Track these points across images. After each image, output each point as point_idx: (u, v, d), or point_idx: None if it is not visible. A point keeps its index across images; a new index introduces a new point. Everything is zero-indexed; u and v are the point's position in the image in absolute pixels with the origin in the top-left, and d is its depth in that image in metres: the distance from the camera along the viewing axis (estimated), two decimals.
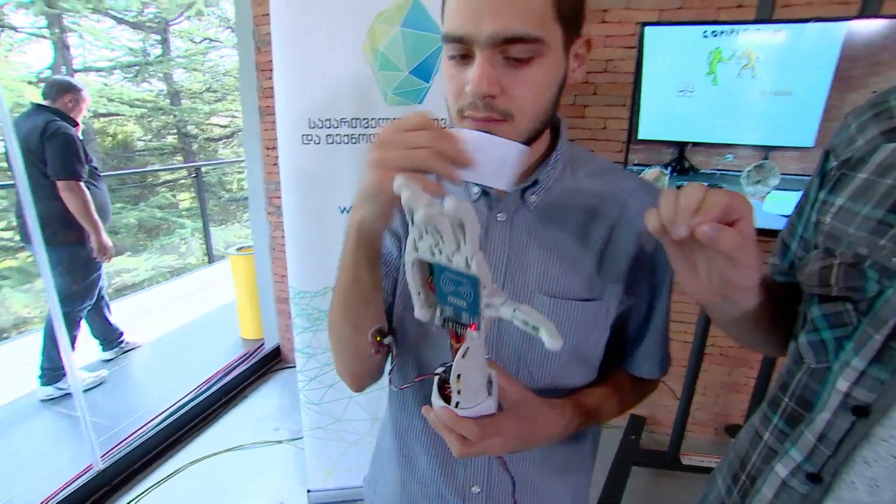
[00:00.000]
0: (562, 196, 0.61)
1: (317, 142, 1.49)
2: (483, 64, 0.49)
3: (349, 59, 1.45)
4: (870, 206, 0.46)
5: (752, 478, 0.55)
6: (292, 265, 1.59)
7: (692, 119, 1.62)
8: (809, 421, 0.49)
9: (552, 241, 0.60)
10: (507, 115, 0.52)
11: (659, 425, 2.44)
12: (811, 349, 0.49)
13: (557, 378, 0.63)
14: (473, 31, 0.49)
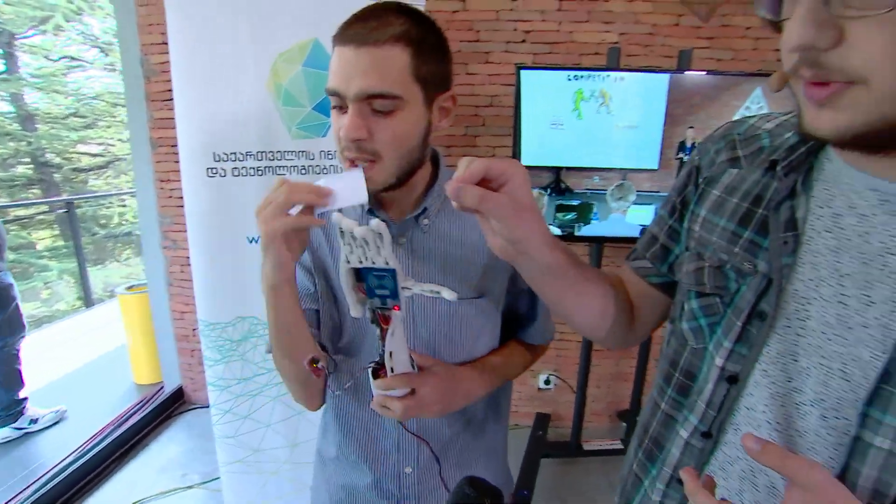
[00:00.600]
0: (450, 218, 0.76)
1: (222, 174, 1.52)
2: (353, 114, 0.62)
3: (253, 95, 1.51)
4: (724, 219, 0.55)
5: (653, 440, 0.63)
6: (200, 298, 1.57)
7: (564, 148, 1.92)
8: (699, 391, 0.56)
9: (445, 253, 0.75)
10: (376, 155, 0.65)
11: (562, 420, 2.70)
12: (692, 333, 0.58)
13: (466, 359, 0.79)
14: (344, 88, 0.62)
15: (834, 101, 0.38)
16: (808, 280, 0.48)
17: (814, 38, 0.36)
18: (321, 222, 0.62)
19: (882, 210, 0.44)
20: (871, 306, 0.44)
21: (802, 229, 0.49)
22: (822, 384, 0.46)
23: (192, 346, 2.67)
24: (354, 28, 0.62)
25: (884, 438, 0.42)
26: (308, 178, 1.61)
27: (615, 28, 2.22)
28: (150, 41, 2.36)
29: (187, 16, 1.42)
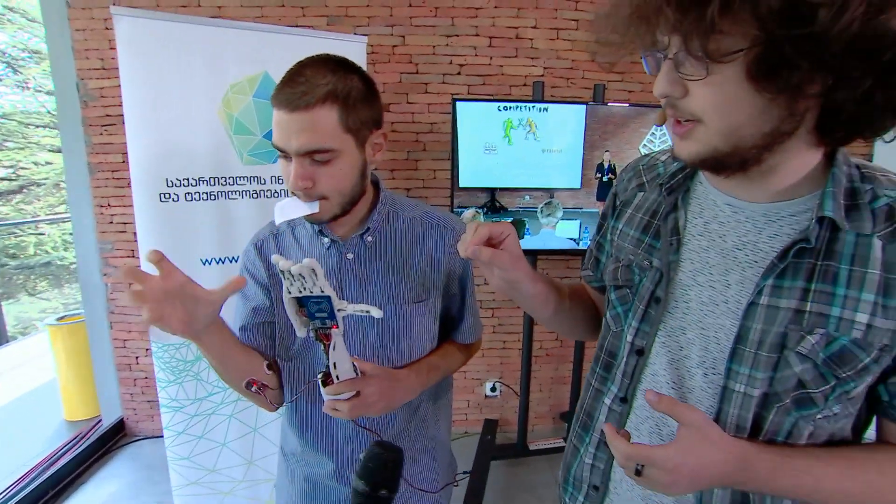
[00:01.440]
0: (390, 234, 0.88)
1: (175, 199, 1.57)
2: (296, 167, 0.73)
3: (205, 124, 1.59)
4: (632, 229, 0.70)
5: (586, 413, 0.75)
6: None
7: (497, 170, 2.12)
8: (618, 365, 0.69)
9: (388, 265, 0.87)
10: (322, 197, 0.77)
11: (508, 424, 2.85)
12: (613, 320, 0.72)
13: (409, 358, 0.90)
14: (286, 145, 0.73)
15: (687, 135, 0.53)
16: (689, 271, 0.63)
17: (670, 90, 0.51)
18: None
19: (734, 219, 0.60)
20: (729, 287, 0.59)
21: (683, 234, 0.64)
22: (703, 349, 0.60)
23: (135, 375, 2.60)
24: (286, 93, 0.72)
25: (740, 384, 0.57)
26: (260, 202, 1.71)
27: (539, 63, 2.49)
28: (88, 66, 2.35)
29: (139, 50, 1.48)
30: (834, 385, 0.53)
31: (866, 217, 0.52)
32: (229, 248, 1.69)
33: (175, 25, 1.53)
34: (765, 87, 0.46)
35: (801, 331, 0.53)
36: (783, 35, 0.42)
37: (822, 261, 0.53)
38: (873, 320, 0.51)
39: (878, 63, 0.43)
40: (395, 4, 2.35)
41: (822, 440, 0.57)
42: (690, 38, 0.45)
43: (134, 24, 1.47)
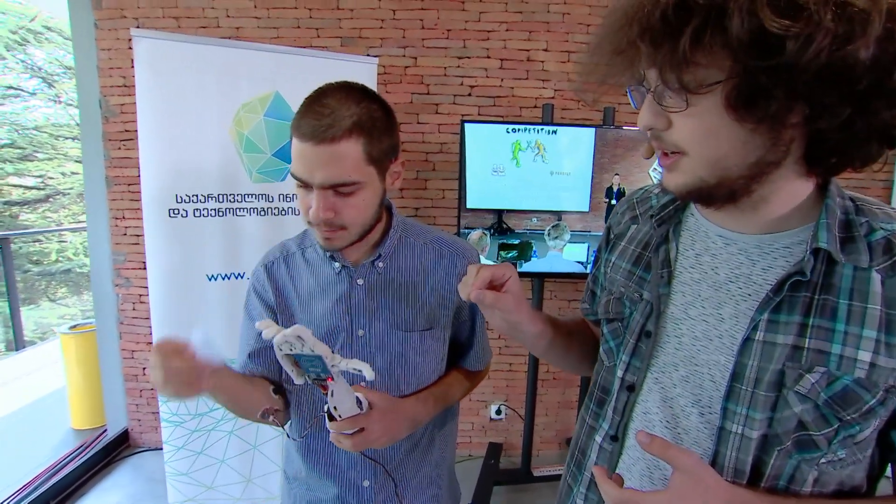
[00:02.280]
0: (401, 260, 0.88)
1: (184, 215, 1.60)
2: (318, 199, 0.72)
3: (216, 142, 1.63)
4: (625, 261, 0.69)
5: (580, 450, 0.73)
6: (159, 333, 1.62)
7: (505, 192, 2.12)
8: (609, 401, 0.68)
9: (397, 292, 0.86)
10: (342, 227, 0.76)
11: (514, 449, 2.79)
12: (606, 355, 0.70)
13: (417, 384, 0.89)
14: (309, 178, 0.72)
15: (673, 167, 0.53)
16: (680, 304, 0.61)
17: (653, 122, 0.52)
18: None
19: (726, 251, 0.59)
20: (723, 321, 0.57)
21: (674, 266, 0.63)
22: (698, 387, 0.58)
23: (142, 387, 2.62)
24: (310, 123, 0.70)
25: (737, 425, 0.54)
26: (268, 219, 1.72)
27: (550, 85, 2.50)
28: (111, 83, 2.43)
29: (156, 70, 1.53)
30: (837, 428, 0.51)
31: (863, 250, 0.51)
32: (235, 264, 1.70)
33: (191, 47, 1.58)
34: (744, 117, 0.46)
35: (799, 368, 0.51)
36: (756, 66, 0.42)
37: (820, 295, 0.51)
38: (876, 359, 0.49)
39: (853, 92, 0.43)
40: (408, 27, 2.40)
41: (830, 488, 0.54)
42: (665, 71, 0.46)
43: (153, 46, 1.52)
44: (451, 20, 2.40)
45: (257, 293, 0.89)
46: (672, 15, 0.43)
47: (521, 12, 2.42)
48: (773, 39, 0.41)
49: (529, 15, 2.42)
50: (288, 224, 1.77)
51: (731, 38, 0.42)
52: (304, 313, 0.86)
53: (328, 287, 0.86)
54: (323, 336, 0.84)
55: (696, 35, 0.43)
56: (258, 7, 2.32)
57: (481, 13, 2.41)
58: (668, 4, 0.43)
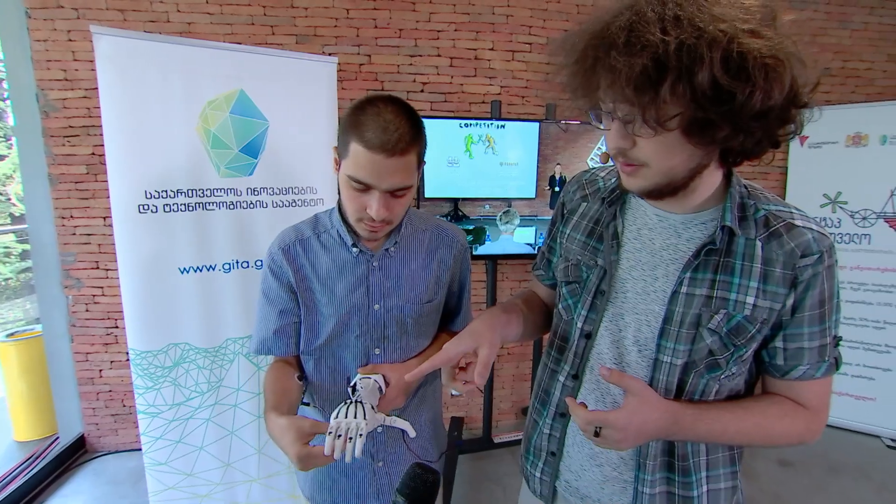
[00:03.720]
0: (408, 245, 1.01)
1: (154, 211, 1.63)
2: (380, 201, 0.84)
3: (182, 138, 1.66)
4: (579, 234, 0.85)
5: (544, 390, 0.88)
6: (132, 328, 1.64)
7: (459, 182, 2.29)
8: (569, 347, 0.82)
9: (407, 272, 1.00)
10: (389, 222, 0.89)
11: (474, 421, 2.99)
12: (564, 311, 0.85)
13: (422, 344, 1.04)
14: (377, 183, 0.83)
15: (634, 174, 0.68)
16: (626, 268, 0.78)
17: (623, 144, 0.65)
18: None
19: (660, 226, 0.76)
20: (657, 280, 0.74)
21: (621, 238, 0.79)
22: (637, 330, 0.75)
23: (98, 389, 2.55)
24: (380, 137, 0.79)
25: (667, 356, 0.72)
26: (236, 213, 1.79)
27: (497, 82, 2.69)
28: (49, 77, 2.33)
29: (117, 68, 1.54)
30: (732, 351, 0.70)
31: (752, 225, 0.70)
32: (207, 257, 1.75)
33: (153, 45, 1.60)
34: (696, 141, 0.61)
35: (710, 312, 0.70)
36: (711, 110, 0.56)
37: (724, 258, 0.70)
38: (757, 301, 0.69)
39: (767, 122, 0.59)
40: (362, 25, 2.49)
41: (724, 395, 0.75)
42: (648, 111, 0.58)
43: (114, 43, 1.53)
44: (403, 20, 2.52)
45: (275, 274, 0.98)
46: (653, 70, 0.55)
47: (468, 13, 2.58)
48: (725, 94, 0.55)
49: (476, 16, 2.59)
50: (256, 217, 1.83)
51: (696, 91, 0.55)
52: (325, 292, 0.97)
53: (346, 268, 0.97)
54: (344, 312, 0.96)
55: (672, 88, 0.55)
56: (210, 3, 2.33)
57: (431, 14, 2.54)
58: (646, 64, 0.54)
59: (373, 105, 0.83)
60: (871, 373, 2.69)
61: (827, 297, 0.69)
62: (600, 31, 0.59)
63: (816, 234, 0.68)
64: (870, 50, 2.98)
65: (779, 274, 0.68)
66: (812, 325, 0.70)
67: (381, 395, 0.91)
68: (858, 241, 2.70)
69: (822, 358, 0.71)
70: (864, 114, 2.69)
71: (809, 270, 0.67)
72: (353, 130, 0.82)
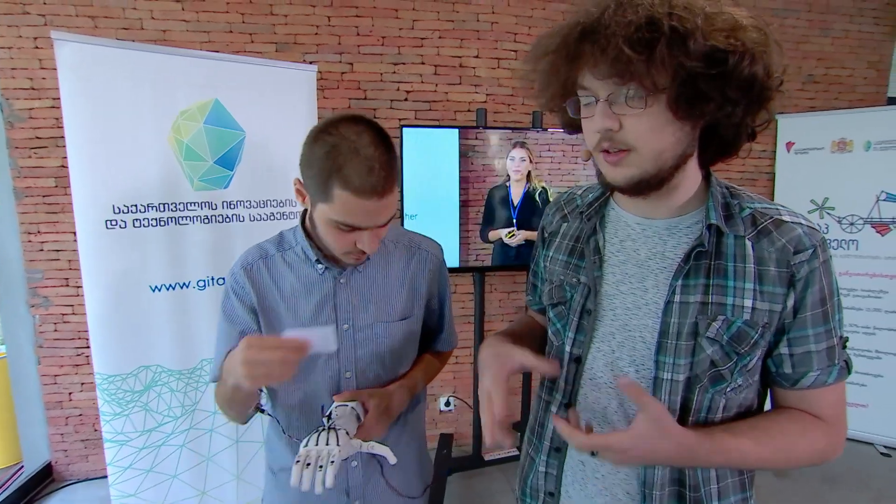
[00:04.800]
0: (378, 260, 0.96)
1: (122, 226, 1.54)
2: (373, 238, 0.81)
3: (153, 150, 1.58)
4: (561, 254, 0.81)
5: (539, 423, 0.83)
6: (99, 351, 1.54)
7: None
8: (560, 374, 0.77)
9: (378, 288, 0.94)
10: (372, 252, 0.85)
11: (464, 438, 2.91)
12: (554, 336, 0.80)
13: (400, 367, 0.98)
14: (368, 224, 0.79)
15: (621, 162, 0.63)
16: (612, 283, 0.73)
17: (609, 124, 0.61)
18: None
19: (644, 234, 0.72)
20: (647, 292, 0.70)
21: (603, 253, 0.75)
22: (632, 349, 0.70)
23: (68, 413, 2.42)
24: (366, 181, 0.75)
25: (668, 373, 0.67)
26: (212, 227, 1.70)
27: (482, 90, 2.65)
28: (14, 86, 2.23)
29: (82, 76, 1.46)
30: (736, 360, 0.66)
31: (739, 223, 0.67)
32: (180, 274, 1.66)
33: (121, 52, 1.52)
34: (683, 115, 0.59)
35: (707, 319, 0.65)
36: (702, 73, 0.55)
37: (715, 260, 0.66)
38: (755, 303, 0.64)
39: (750, 95, 0.59)
40: (344, 33, 2.43)
41: (733, 411, 0.69)
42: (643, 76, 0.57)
43: (78, 50, 1.45)
44: (386, 27, 2.47)
45: (237, 294, 0.91)
46: (646, 28, 0.55)
47: (452, 21, 2.54)
48: (719, 55, 0.55)
49: (461, 23, 2.55)
50: (233, 231, 1.75)
51: (690, 53, 0.54)
52: (290, 312, 0.91)
53: (312, 287, 0.91)
54: None
55: (669, 46, 0.54)
56: (186, 10, 2.25)
57: (415, 21, 2.50)
58: (641, 22, 0.55)
59: (345, 140, 0.76)
60: (862, 379, 2.67)
61: (827, 294, 0.65)
62: (584, 16, 0.59)
63: (807, 229, 0.66)
64: (851, 57, 3.01)
65: (774, 273, 0.64)
66: (816, 325, 0.65)
67: (360, 423, 0.85)
68: (846, 247, 2.70)
69: (831, 361, 0.67)
70: (847, 120, 2.71)
71: (806, 266, 0.64)
72: (335, 175, 0.75)
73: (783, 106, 2.95)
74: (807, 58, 2.96)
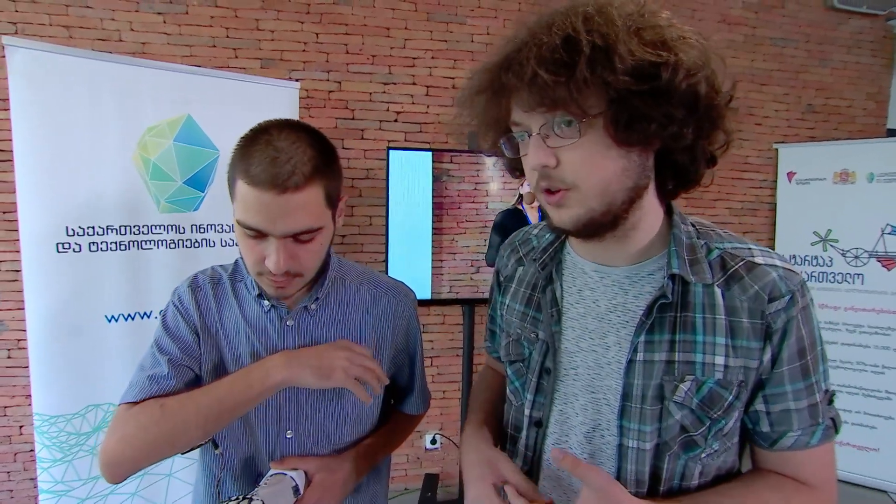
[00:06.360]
0: (335, 303, 0.83)
1: (76, 249, 1.40)
2: (280, 250, 0.67)
3: (116, 168, 1.46)
4: (517, 303, 0.74)
5: (500, 489, 0.77)
6: (40, 390, 1.38)
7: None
8: (519, 438, 0.70)
9: (331, 336, 0.81)
10: (298, 274, 0.72)
11: (450, 478, 2.73)
12: (513, 395, 0.73)
13: (357, 429, 0.84)
14: (269, 228, 0.66)
15: (563, 203, 0.57)
16: (572, 339, 0.66)
17: (545, 160, 0.55)
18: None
19: (602, 283, 0.65)
20: (608, 349, 0.63)
21: (561, 304, 0.68)
22: (596, 412, 0.64)
23: (17, 449, 2.22)
24: (268, 171, 0.64)
25: (633, 440, 0.60)
26: (178, 252, 1.57)
27: (455, 106, 2.55)
28: None
29: (36, 86, 1.34)
30: (709, 425, 0.59)
31: (706, 269, 0.60)
32: (141, 302, 1.52)
33: (84, 62, 1.41)
34: (624, 140, 0.53)
35: (674, 380, 0.59)
36: (634, 90, 0.49)
37: (681, 312, 0.60)
38: (728, 360, 0.58)
39: (697, 117, 0.53)
40: (332, 51, 2.35)
41: (711, 476, 0.62)
42: (567, 101, 0.51)
43: (33, 58, 1.33)
44: (376, 46, 2.39)
45: (180, 311, 0.79)
46: (563, 48, 0.50)
47: (445, 41, 2.47)
48: (649, 69, 0.49)
49: (454, 44, 2.48)
50: (202, 256, 1.62)
51: (616, 69, 0.49)
52: (229, 349, 0.78)
53: (255, 325, 0.79)
54: None
55: (590, 65, 0.49)
56: (168, 23, 2.16)
57: (406, 40, 2.43)
58: (557, 43, 0.50)
59: (265, 133, 0.68)
60: (872, 421, 2.54)
61: (808, 346, 0.58)
62: (507, 46, 0.55)
63: (783, 272, 0.58)
64: (850, 88, 2.97)
65: (747, 325, 0.58)
66: (795, 381, 0.59)
67: (297, 496, 0.71)
68: (851, 281, 2.60)
69: (814, 420, 0.59)
70: (848, 151, 2.64)
71: (783, 316, 0.57)
72: (239, 164, 0.67)
73: (783, 135, 2.90)
74: (806, 87, 2.91)
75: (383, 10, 2.38)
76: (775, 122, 2.90)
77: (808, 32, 2.89)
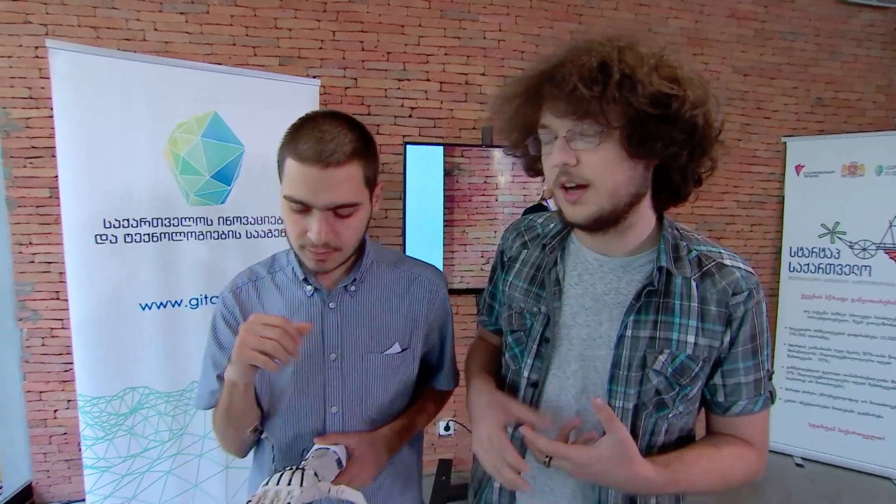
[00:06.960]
0: (373, 284, 0.89)
1: (113, 241, 1.48)
2: (322, 221, 0.73)
3: (148, 163, 1.53)
4: (521, 281, 0.84)
5: None
6: (83, 371, 1.47)
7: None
8: (518, 398, 0.79)
9: (371, 315, 0.87)
10: (337, 248, 0.77)
11: (464, 463, 2.81)
12: (511, 360, 0.83)
13: (394, 405, 0.90)
14: (312, 200, 0.73)
15: (580, 200, 0.68)
16: (570, 314, 0.77)
17: (567, 159, 0.66)
18: (276, 368, 0.71)
19: (601, 270, 0.77)
20: (602, 325, 0.75)
21: (563, 284, 0.79)
22: (585, 377, 0.75)
23: (52, 431, 2.33)
24: (313, 148, 0.72)
25: (619, 401, 0.72)
26: (207, 243, 1.65)
27: (488, 108, 2.61)
28: (13, 94, 2.19)
29: (76, 86, 1.42)
30: (678, 390, 0.72)
31: (687, 265, 0.73)
32: (173, 291, 1.60)
33: (117, 62, 1.48)
34: (635, 153, 0.65)
35: (654, 353, 0.71)
36: (649, 113, 0.61)
37: (664, 298, 0.72)
38: (698, 339, 0.71)
39: (693, 143, 0.66)
40: (348, 48, 2.41)
41: (675, 435, 0.76)
42: (596, 113, 0.62)
43: (72, 59, 1.40)
44: (391, 43, 2.45)
45: (225, 320, 0.86)
46: (599, 70, 0.61)
47: (458, 38, 2.51)
48: (663, 98, 0.61)
49: (467, 40, 2.52)
50: (229, 248, 1.69)
51: (637, 93, 0.61)
52: None
53: (299, 310, 0.85)
54: (296, 361, 0.83)
55: (619, 87, 0.60)
56: (190, 22, 2.22)
57: (420, 37, 2.48)
58: (594, 65, 0.61)
59: (312, 120, 0.76)
60: (878, 410, 2.58)
61: (758, 332, 0.73)
62: (545, 62, 0.67)
63: (744, 273, 0.73)
64: (860, 81, 2.98)
65: (714, 312, 0.71)
66: (746, 359, 0.73)
67: (340, 468, 0.78)
68: (859, 273, 2.63)
69: (758, 392, 0.74)
70: (857, 144, 2.66)
71: (742, 307, 0.71)
72: (288, 146, 0.75)
73: (792, 128, 2.92)
74: (815, 81, 2.93)
75: (398, 7, 2.43)
76: (784, 115, 2.93)
77: (818, 26, 2.90)
